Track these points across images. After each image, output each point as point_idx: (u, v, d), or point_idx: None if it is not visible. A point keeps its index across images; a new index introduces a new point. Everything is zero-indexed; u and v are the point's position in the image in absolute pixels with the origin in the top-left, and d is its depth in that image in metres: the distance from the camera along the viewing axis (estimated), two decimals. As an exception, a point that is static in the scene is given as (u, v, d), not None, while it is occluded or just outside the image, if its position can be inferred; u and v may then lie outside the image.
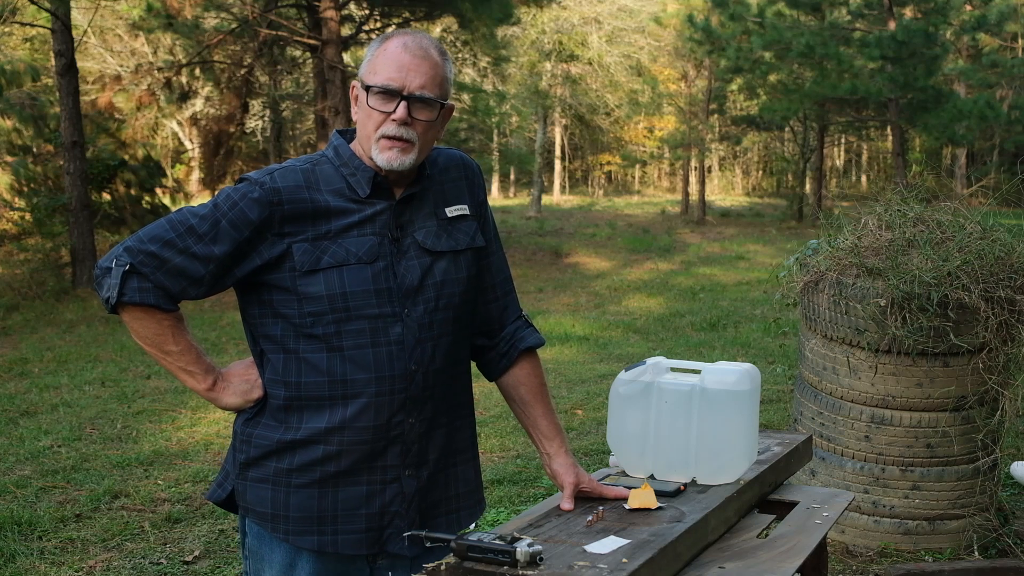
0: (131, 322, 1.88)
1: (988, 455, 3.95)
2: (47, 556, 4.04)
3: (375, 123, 1.85)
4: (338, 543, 1.88)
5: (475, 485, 2.05)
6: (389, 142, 1.84)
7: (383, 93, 1.83)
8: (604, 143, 36.25)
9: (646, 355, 6.56)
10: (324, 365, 1.84)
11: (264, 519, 1.90)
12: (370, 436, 1.86)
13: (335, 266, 1.83)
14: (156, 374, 7.73)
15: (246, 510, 1.94)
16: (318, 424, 1.86)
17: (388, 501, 1.89)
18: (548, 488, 4.72)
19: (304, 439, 1.86)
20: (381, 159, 1.85)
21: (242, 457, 1.92)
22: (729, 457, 2.12)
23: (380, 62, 1.85)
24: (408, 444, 1.89)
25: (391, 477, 1.89)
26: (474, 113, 18.15)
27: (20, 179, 13.81)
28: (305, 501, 1.87)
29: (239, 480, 1.93)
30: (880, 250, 3.93)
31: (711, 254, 17.07)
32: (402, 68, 1.83)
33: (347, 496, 1.87)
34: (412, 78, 1.83)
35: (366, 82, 1.86)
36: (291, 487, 1.87)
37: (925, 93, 17.40)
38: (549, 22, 26.26)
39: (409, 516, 1.91)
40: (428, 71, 1.85)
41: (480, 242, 2.00)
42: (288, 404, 1.88)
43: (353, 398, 1.85)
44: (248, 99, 18.21)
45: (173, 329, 1.88)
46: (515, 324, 2.08)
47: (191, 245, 1.82)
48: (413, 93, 1.83)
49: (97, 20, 18.94)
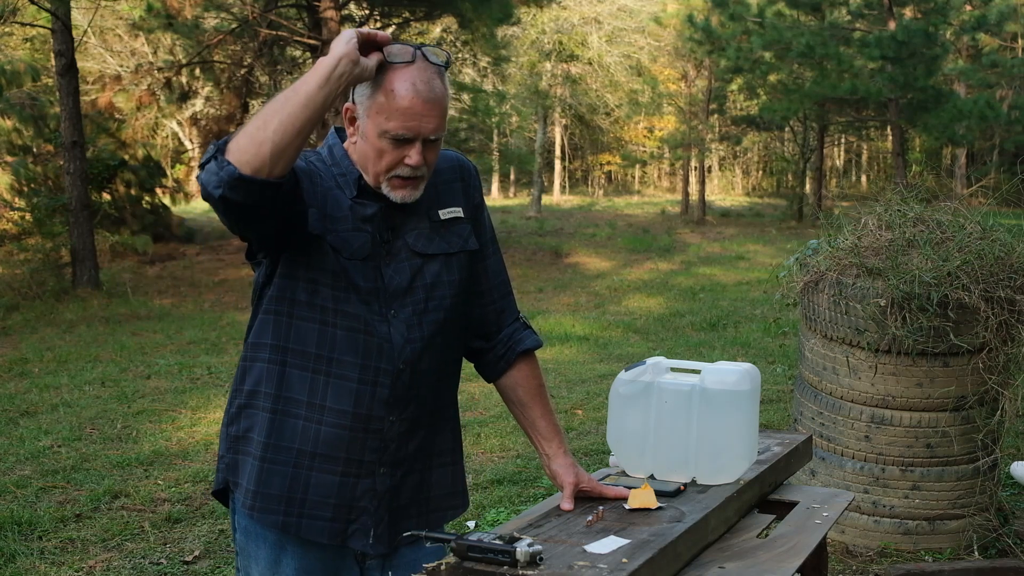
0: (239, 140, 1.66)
1: (988, 455, 3.96)
2: (47, 556, 4.04)
3: (387, 165, 1.83)
4: (301, 527, 1.90)
5: (453, 489, 2.05)
6: (402, 181, 1.85)
7: (396, 140, 1.81)
8: (604, 143, 36.24)
9: (646, 355, 6.55)
10: (315, 336, 1.87)
11: (241, 492, 1.94)
12: (348, 422, 1.88)
13: (335, 249, 1.85)
14: (156, 374, 7.73)
15: (234, 484, 1.96)
16: (299, 395, 1.88)
17: (359, 495, 1.91)
18: (548, 488, 4.72)
19: (284, 410, 1.89)
20: (395, 196, 1.86)
21: (233, 430, 1.96)
22: (729, 457, 2.12)
23: (391, 107, 1.79)
24: (387, 441, 1.91)
25: (365, 472, 1.91)
26: (474, 113, 18.14)
27: (20, 179, 13.81)
28: (279, 480, 1.89)
29: (231, 454, 1.96)
30: (880, 250, 3.93)
31: (711, 254, 17.06)
32: (415, 116, 1.79)
33: (319, 482, 1.89)
34: (426, 124, 1.80)
35: (374, 121, 1.81)
36: (267, 462, 1.90)
37: (925, 93, 17.39)
38: (549, 22, 26.26)
39: (378, 514, 1.92)
40: (439, 112, 1.82)
41: (473, 245, 1.99)
42: (278, 368, 1.89)
43: (337, 378, 1.87)
44: (248, 99, 18.18)
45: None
46: (512, 326, 2.09)
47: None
48: (428, 137, 1.82)
49: (97, 20, 18.93)
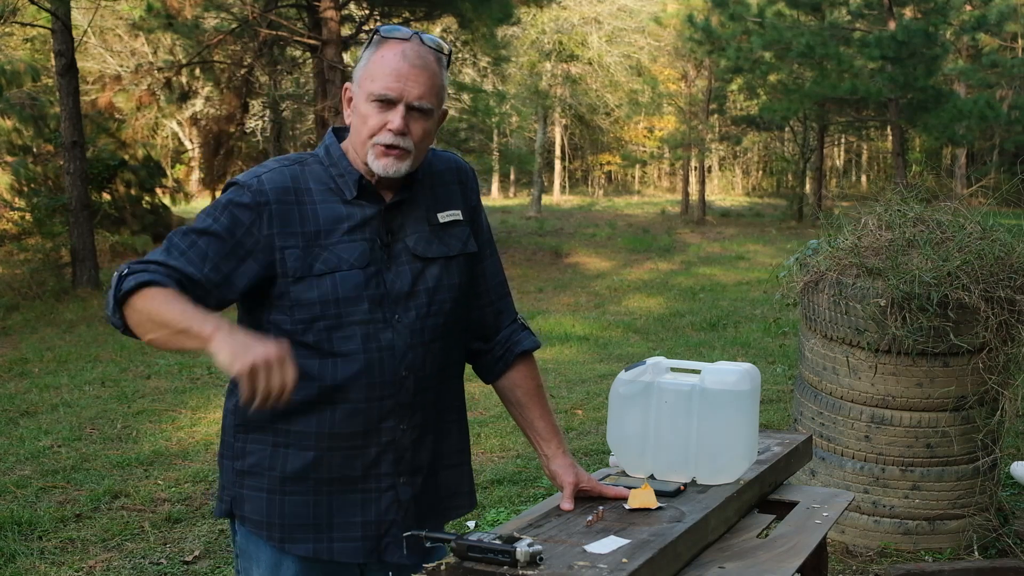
0: (132, 316, 1.72)
1: (988, 455, 3.95)
2: (47, 556, 4.04)
3: (370, 130, 1.83)
4: (334, 551, 1.87)
5: (467, 488, 2.05)
6: (385, 149, 1.82)
7: (380, 101, 1.81)
8: (604, 143, 36.24)
9: (646, 355, 6.55)
10: (315, 371, 1.83)
11: (259, 527, 1.89)
12: (360, 442, 1.86)
13: (327, 272, 1.82)
14: (156, 374, 7.73)
15: (242, 519, 1.93)
16: (307, 428, 1.85)
17: (384, 509, 1.89)
18: (548, 488, 4.72)
19: (295, 444, 1.86)
20: (377, 166, 1.83)
21: (239, 465, 1.91)
22: (729, 457, 2.12)
23: (377, 69, 1.82)
24: (401, 451, 1.89)
25: (386, 485, 1.89)
26: (474, 113, 18.13)
27: (20, 179, 13.81)
28: (300, 508, 1.86)
29: (236, 488, 1.93)
30: (880, 250, 3.93)
31: (711, 254, 17.06)
32: (400, 77, 1.80)
33: (342, 504, 1.87)
34: (411, 88, 1.80)
35: (362, 88, 1.83)
36: (286, 494, 1.87)
37: (925, 93, 17.39)
38: (549, 22, 26.26)
39: (406, 524, 1.90)
40: (427, 81, 1.82)
41: (472, 247, 1.98)
42: (278, 409, 1.85)
43: (342, 402, 1.84)
44: (248, 99, 18.19)
45: (168, 296, 1.71)
46: (510, 328, 2.07)
47: (187, 248, 1.80)
48: (412, 103, 1.81)
49: (97, 20, 18.93)
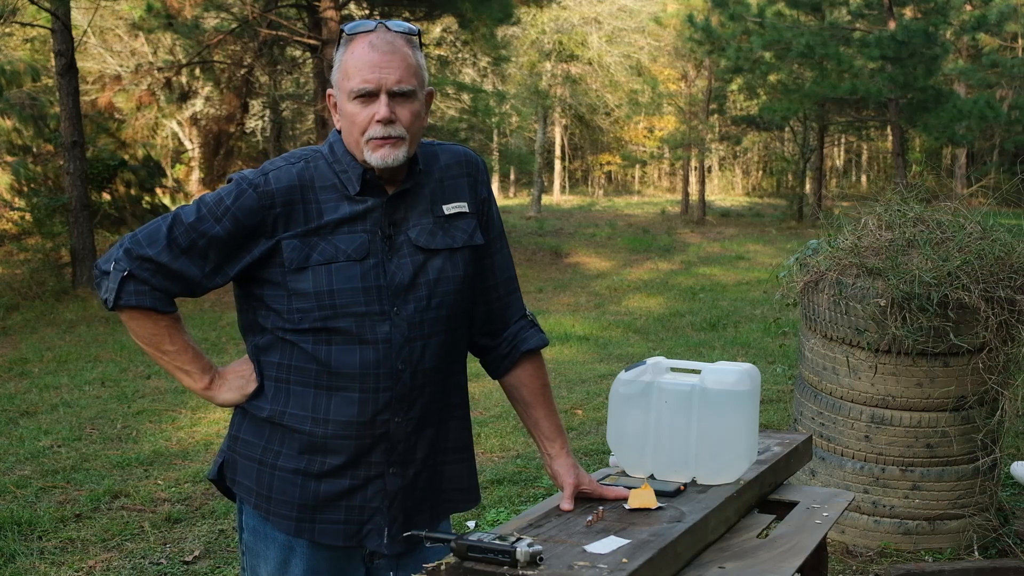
0: (129, 322, 1.91)
1: (988, 455, 3.96)
2: (47, 556, 4.04)
3: (360, 127, 1.83)
4: (315, 531, 1.90)
5: (467, 484, 2.05)
6: (379, 142, 1.83)
7: (361, 96, 1.82)
8: (604, 143, 36.21)
9: (646, 355, 6.55)
10: (312, 360, 1.86)
11: (249, 493, 1.93)
12: (354, 432, 1.87)
13: (323, 263, 1.84)
14: (156, 374, 7.73)
15: (233, 482, 1.97)
16: (303, 411, 1.87)
17: (369, 496, 1.90)
18: (548, 488, 4.72)
19: (289, 425, 1.88)
20: (375, 159, 1.84)
21: (234, 430, 1.96)
22: (729, 457, 2.12)
23: (351, 66, 1.82)
24: (394, 443, 1.90)
25: (375, 473, 1.90)
26: (474, 113, 18.14)
27: (20, 179, 13.81)
28: (288, 487, 1.89)
29: (230, 452, 1.97)
30: (880, 250, 3.93)
31: (711, 254, 17.06)
32: (374, 67, 1.80)
33: (328, 488, 1.89)
34: (387, 75, 1.81)
35: (342, 88, 1.84)
36: (276, 469, 1.90)
37: (925, 93, 17.37)
38: (549, 22, 26.24)
39: (391, 514, 1.91)
40: (400, 64, 1.82)
41: (479, 240, 1.97)
42: (276, 383, 1.90)
43: (337, 391, 1.86)
44: (248, 99, 18.21)
45: (170, 329, 1.91)
46: (519, 324, 2.06)
47: (188, 249, 1.83)
48: (392, 89, 1.81)
49: (97, 20, 18.92)
